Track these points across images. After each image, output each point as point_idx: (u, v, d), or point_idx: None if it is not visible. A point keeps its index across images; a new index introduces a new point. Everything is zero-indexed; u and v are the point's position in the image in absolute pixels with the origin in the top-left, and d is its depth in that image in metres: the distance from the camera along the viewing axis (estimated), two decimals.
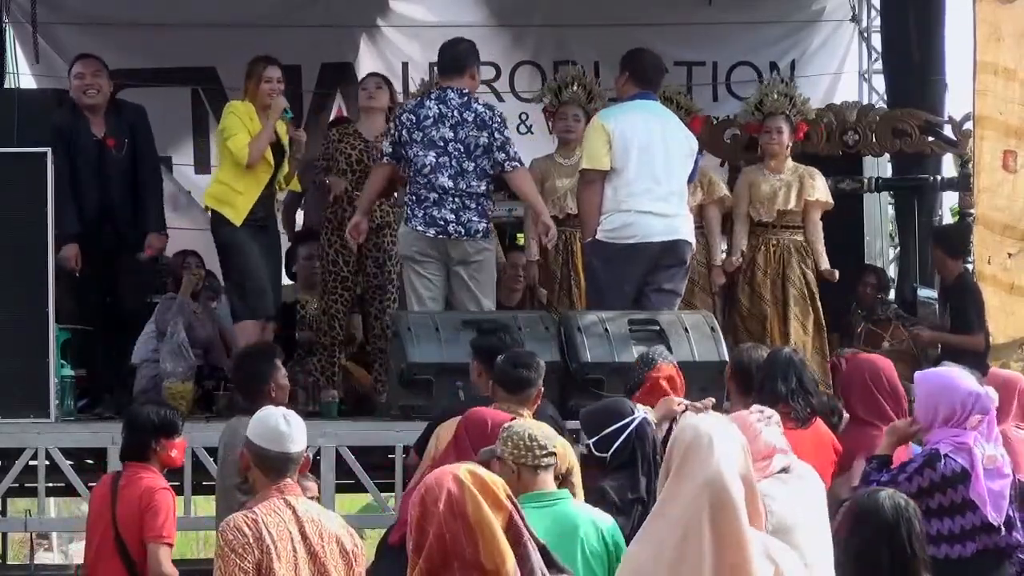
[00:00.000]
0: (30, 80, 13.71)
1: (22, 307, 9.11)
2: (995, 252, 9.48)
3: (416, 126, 9.28)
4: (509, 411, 6.88)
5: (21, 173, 9.25)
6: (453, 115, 9.28)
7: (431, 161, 9.22)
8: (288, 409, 5.79)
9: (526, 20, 14.21)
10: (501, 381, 7.19)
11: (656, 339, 8.88)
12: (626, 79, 9.72)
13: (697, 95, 13.96)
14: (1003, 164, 9.42)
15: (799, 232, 10.29)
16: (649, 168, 9.38)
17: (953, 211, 13.30)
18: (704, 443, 4.34)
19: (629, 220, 9.34)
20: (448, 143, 9.24)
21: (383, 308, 9.95)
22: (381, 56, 14.29)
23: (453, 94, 9.34)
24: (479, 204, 9.28)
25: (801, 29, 14.63)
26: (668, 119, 9.65)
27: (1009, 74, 9.43)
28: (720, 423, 4.51)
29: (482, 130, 9.27)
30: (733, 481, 4.30)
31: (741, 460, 4.38)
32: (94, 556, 7.21)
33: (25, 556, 14.83)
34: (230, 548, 5.34)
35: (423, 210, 9.20)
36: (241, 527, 5.37)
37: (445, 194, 9.19)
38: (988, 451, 6.68)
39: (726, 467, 4.31)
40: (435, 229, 9.18)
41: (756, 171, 10.41)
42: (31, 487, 9.30)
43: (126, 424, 7.32)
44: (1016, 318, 9.61)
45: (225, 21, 13.57)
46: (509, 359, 7.24)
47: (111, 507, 7.12)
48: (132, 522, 7.05)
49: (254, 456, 5.55)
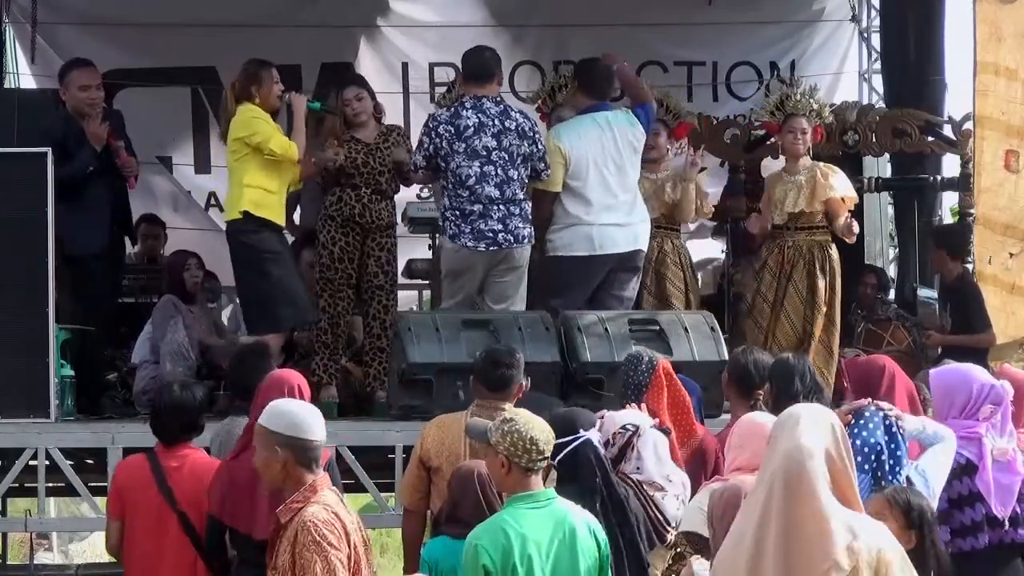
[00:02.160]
0: (30, 80, 13.71)
1: (22, 307, 9.11)
2: (996, 252, 9.49)
3: (456, 137, 9.28)
4: (491, 408, 7.00)
5: (21, 173, 9.25)
6: (494, 124, 9.30)
7: (476, 171, 9.23)
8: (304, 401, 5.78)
9: (526, 20, 14.20)
10: (482, 380, 7.22)
11: (656, 339, 8.89)
12: (576, 90, 9.90)
13: (697, 95, 14.00)
14: (1005, 164, 9.43)
15: (818, 232, 10.04)
16: (604, 182, 9.54)
17: (953, 211, 13.29)
18: (791, 421, 4.51)
19: (590, 233, 9.48)
20: (491, 152, 9.27)
21: (384, 308, 9.93)
22: (381, 56, 14.28)
23: (490, 103, 9.36)
24: (522, 210, 9.33)
25: (801, 29, 14.63)
26: (617, 124, 9.71)
27: (1010, 74, 9.45)
28: (817, 408, 4.65)
29: (523, 139, 9.34)
30: (813, 453, 4.41)
31: (829, 437, 4.48)
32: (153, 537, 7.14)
33: (25, 556, 14.82)
34: (327, 542, 5.35)
35: (470, 225, 9.22)
36: (331, 521, 5.39)
37: (491, 204, 9.22)
38: (999, 444, 6.69)
39: (807, 440, 4.42)
40: (485, 242, 9.22)
41: (775, 176, 10.31)
42: (31, 487, 9.30)
43: (177, 407, 7.26)
44: (1016, 318, 9.62)
45: (225, 21, 13.56)
46: (489, 358, 7.26)
47: (160, 488, 7.11)
48: (198, 501, 7.05)
49: (293, 450, 5.49)
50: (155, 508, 7.13)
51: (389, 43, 14.38)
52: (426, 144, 9.38)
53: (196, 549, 7.12)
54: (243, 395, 7.54)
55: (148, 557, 7.16)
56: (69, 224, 9.42)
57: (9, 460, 9.01)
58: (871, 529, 4.51)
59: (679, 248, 10.34)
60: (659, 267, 10.20)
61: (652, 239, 10.14)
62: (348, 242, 9.88)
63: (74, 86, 9.80)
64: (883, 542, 4.49)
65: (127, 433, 8.84)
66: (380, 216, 9.96)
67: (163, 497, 7.12)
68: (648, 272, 10.15)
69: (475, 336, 8.83)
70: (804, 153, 10.09)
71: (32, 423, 8.98)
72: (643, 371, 7.37)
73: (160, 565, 7.13)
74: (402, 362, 8.86)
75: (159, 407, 7.34)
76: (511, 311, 9.32)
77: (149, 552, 7.15)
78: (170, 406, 7.26)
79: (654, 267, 10.17)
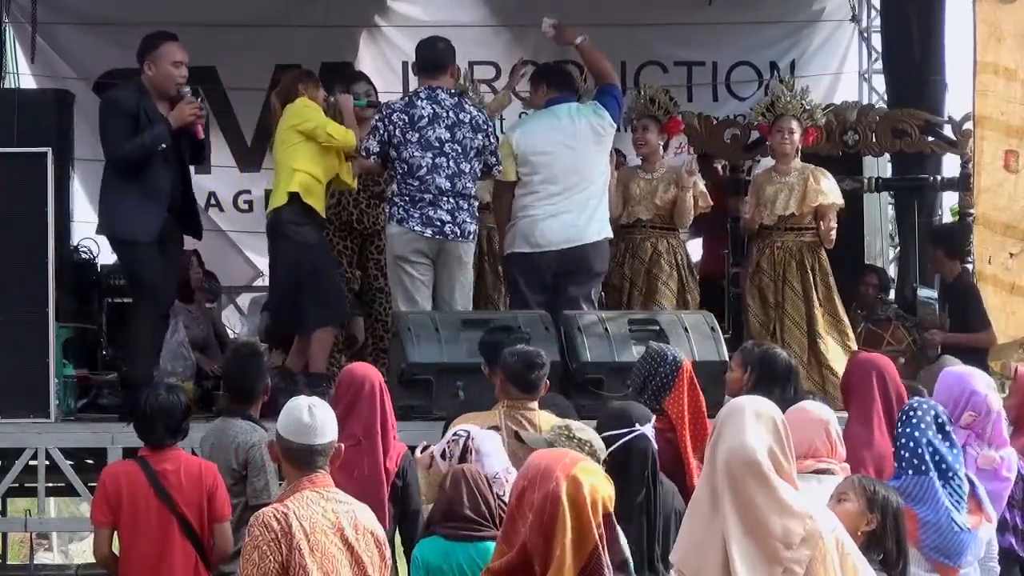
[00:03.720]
0: (30, 80, 13.71)
1: (22, 307, 9.10)
2: (996, 252, 9.48)
3: (410, 126, 9.23)
4: (521, 407, 7.04)
5: (21, 173, 9.24)
6: (448, 116, 9.25)
7: (428, 162, 9.19)
8: (316, 399, 5.75)
9: (526, 20, 14.17)
10: (516, 382, 7.18)
11: (656, 339, 8.87)
12: (535, 89, 9.90)
13: (697, 95, 14.00)
14: (1004, 164, 9.42)
15: (805, 234, 10.18)
16: (550, 176, 9.45)
17: (953, 211, 13.29)
18: (736, 415, 4.55)
19: (532, 228, 9.41)
20: (444, 143, 9.21)
21: (386, 310, 9.94)
22: (381, 56, 14.29)
23: (444, 94, 9.32)
24: (470, 205, 9.29)
25: (801, 29, 14.63)
26: (581, 116, 9.63)
27: (1010, 74, 9.44)
28: (759, 400, 4.68)
29: (477, 132, 9.28)
30: (757, 449, 4.46)
31: (773, 431, 4.53)
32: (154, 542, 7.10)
33: (25, 556, 14.82)
34: (254, 545, 5.31)
35: (419, 210, 9.17)
36: (269, 522, 5.33)
37: (441, 195, 9.17)
38: (986, 452, 6.69)
39: (751, 436, 4.47)
40: (432, 229, 9.16)
41: (765, 175, 10.36)
42: (31, 487, 9.30)
43: (165, 410, 7.21)
44: (1016, 318, 9.61)
45: (225, 21, 13.56)
46: (523, 360, 7.21)
47: (156, 493, 7.09)
48: (196, 502, 7.06)
49: (281, 449, 5.51)
50: (155, 512, 7.09)
51: (389, 43, 14.39)
52: (380, 130, 9.28)
53: (197, 551, 7.11)
54: (238, 396, 7.54)
55: (149, 562, 7.13)
56: (123, 206, 8.95)
57: (9, 460, 9.01)
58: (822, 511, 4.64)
59: (675, 248, 10.28)
60: (652, 267, 10.18)
61: (645, 240, 10.15)
62: (346, 245, 9.89)
63: (166, 60, 9.03)
64: (835, 523, 4.64)
65: (127, 433, 8.78)
66: (378, 221, 9.98)
67: (161, 501, 7.09)
68: (640, 273, 10.15)
69: (475, 336, 8.81)
70: (791, 153, 10.15)
71: (32, 423, 8.98)
72: (668, 372, 7.22)
73: (162, 567, 7.11)
74: (402, 362, 8.86)
75: (146, 410, 7.31)
76: (511, 311, 9.33)
77: (150, 557, 7.12)
78: (157, 409, 7.24)
79: (646, 267, 10.17)
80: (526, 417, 7.05)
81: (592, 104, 9.74)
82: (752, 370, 7.49)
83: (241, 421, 7.40)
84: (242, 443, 7.26)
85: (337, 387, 7.08)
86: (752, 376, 7.48)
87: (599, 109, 9.68)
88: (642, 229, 10.22)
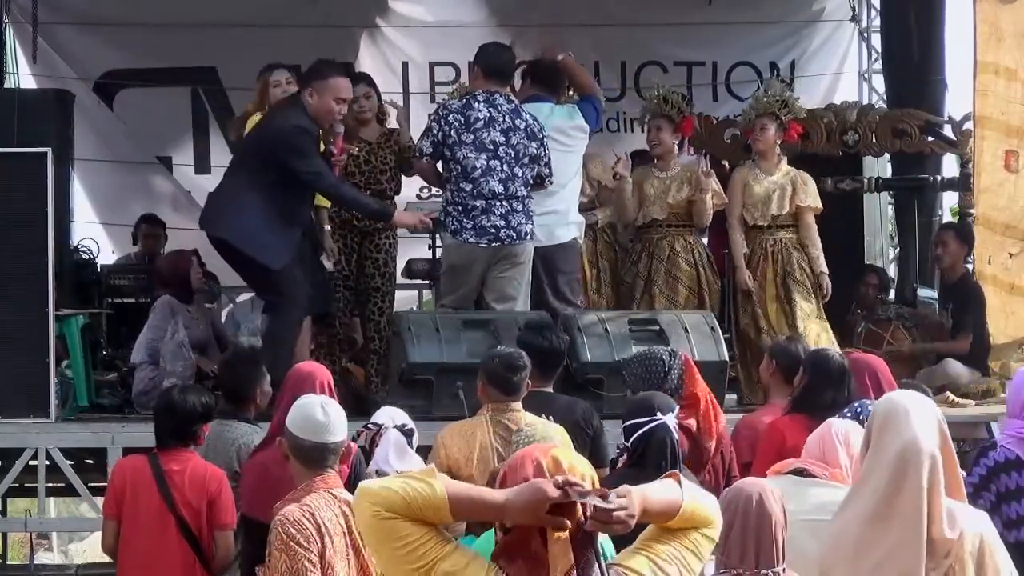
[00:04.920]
0: (30, 80, 13.71)
1: (22, 307, 9.10)
2: (996, 252, 9.50)
3: (465, 127, 9.18)
4: (507, 410, 7.06)
5: (21, 173, 9.24)
6: (504, 120, 9.22)
7: (482, 164, 9.15)
8: (328, 398, 5.74)
9: (526, 20, 14.19)
10: (498, 385, 7.19)
11: (656, 339, 8.87)
12: (524, 79, 9.90)
13: (697, 95, 13.99)
14: (1004, 164, 9.43)
15: (792, 230, 10.28)
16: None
17: (953, 211, 13.30)
18: (901, 413, 4.50)
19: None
20: (499, 147, 9.18)
21: (380, 309, 9.92)
22: (381, 56, 14.30)
23: (502, 99, 9.29)
24: (525, 206, 9.24)
25: (801, 29, 14.65)
26: (554, 118, 9.62)
27: (1010, 74, 9.45)
28: (917, 396, 4.65)
29: (532, 140, 9.25)
30: (928, 449, 4.43)
31: (937, 430, 4.50)
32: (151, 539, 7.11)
33: (25, 556, 14.83)
34: (295, 541, 5.29)
35: (472, 220, 9.13)
36: (302, 520, 5.33)
37: (494, 199, 9.12)
38: None
39: (922, 436, 4.45)
40: (487, 238, 9.14)
41: (748, 171, 10.38)
42: (31, 487, 9.30)
43: (169, 410, 7.23)
44: (1016, 318, 9.62)
45: (225, 21, 13.58)
46: (503, 363, 7.20)
47: (159, 490, 7.09)
48: (198, 506, 7.05)
49: (291, 447, 5.49)
50: (155, 510, 7.10)
51: (389, 43, 14.40)
52: (435, 131, 9.23)
53: (195, 552, 7.11)
54: (233, 399, 7.53)
55: (144, 557, 7.14)
56: (274, 237, 8.74)
57: (9, 460, 9.01)
58: (971, 516, 4.58)
59: (692, 246, 10.26)
60: (670, 267, 10.18)
61: (663, 239, 10.15)
62: (346, 243, 9.88)
63: (331, 94, 8.77)
64: (983, 527, 4.57)
65: (127, 433, 8.84)
66: None
67: (162, 499, 7.10)
68: (659, 272, 10.15)
69: (475, 336, 8.82)
70: (768, 150, 10.26)
71: (32, 423, 8.98)
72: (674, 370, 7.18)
73: (156, 565, 7.12)
74: (402, 362, 8.85)
75: (160, 410, 7.32)
76: (512, 311, 9.31)
77: (145, 553, 7.13)
78: (170, 410, 7.24)
79: (665, 267, 10.17)
80: (511, 419, 7.08)
81: (569, 107, 9.80)
82: (804, 372, 7.40)
83: (240, 423, 7.40)
84: (244, 444, 7.25)
85: (284, 385, 6.98)
86: (804, 377, 7.39)
87: (574, 111, 9.75)
88: (658, 228, 10.22)
